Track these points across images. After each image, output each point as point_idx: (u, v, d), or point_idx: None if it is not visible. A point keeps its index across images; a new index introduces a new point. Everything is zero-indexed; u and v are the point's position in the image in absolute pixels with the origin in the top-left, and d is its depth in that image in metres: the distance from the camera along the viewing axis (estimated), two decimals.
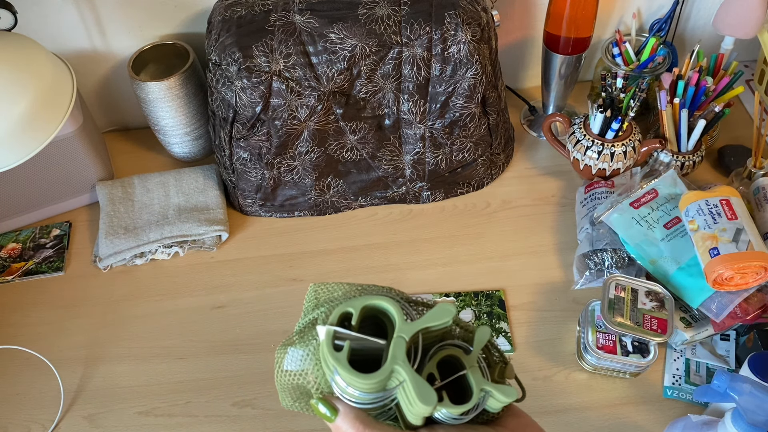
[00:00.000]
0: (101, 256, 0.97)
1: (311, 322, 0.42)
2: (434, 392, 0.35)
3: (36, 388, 0.87)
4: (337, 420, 0.38)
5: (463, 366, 0.39)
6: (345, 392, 0.38)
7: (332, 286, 0.42)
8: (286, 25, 0.86)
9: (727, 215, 0.82)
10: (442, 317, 0.38)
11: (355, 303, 0.38)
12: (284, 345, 0.42)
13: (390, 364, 0.36)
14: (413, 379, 0.35)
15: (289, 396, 0.41)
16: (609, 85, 0.98)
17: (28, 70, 0.78)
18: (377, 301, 0.38)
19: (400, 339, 0.37)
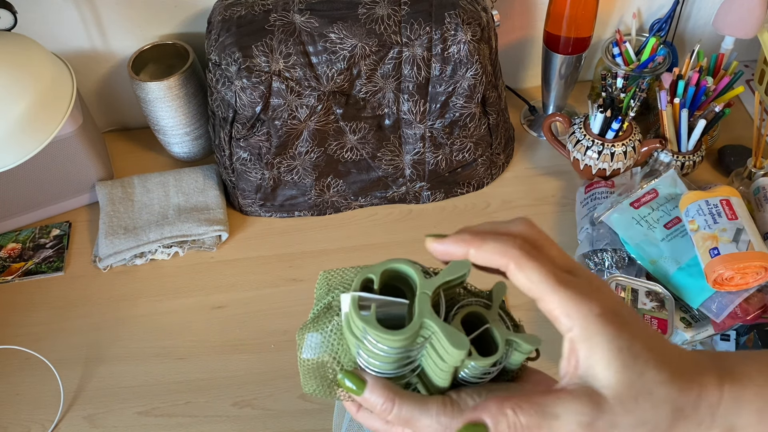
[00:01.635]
0: (101, 256, 0.97)
1: (326, 306, 0.43)
2: (465, 337, 0.36)
3: (36, 388, 0.87)
4: (365, 392, 0.38)
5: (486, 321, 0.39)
6: (370, 364, 0.38)
7: (343, 270, 0.43)
8: (286, 24, 0.86)
9: (728, 215, 0.82)
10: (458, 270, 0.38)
11: (374, 269, 0.39)
12: (302, 330, 0.43)
13: (419, 318, 0.36)
14: (443, 328, 0.36)
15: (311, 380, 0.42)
16: (609, 85, 0.98)
17: (28, 70, 0.78)
18: (395, 264, 0.39)
19: (423, 295, 0.37)
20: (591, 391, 0.33)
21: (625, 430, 0.33)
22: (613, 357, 0.33)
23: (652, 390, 0.33)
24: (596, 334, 0.33)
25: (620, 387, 0.33)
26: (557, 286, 0.33)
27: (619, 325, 0.33)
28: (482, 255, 0.35)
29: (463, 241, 0.36)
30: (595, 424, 0.33)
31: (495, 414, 0.34)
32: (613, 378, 0.33)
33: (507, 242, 0.35)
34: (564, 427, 0.33)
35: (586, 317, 0.33)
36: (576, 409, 0.33)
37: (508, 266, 0.35)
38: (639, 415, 0.33)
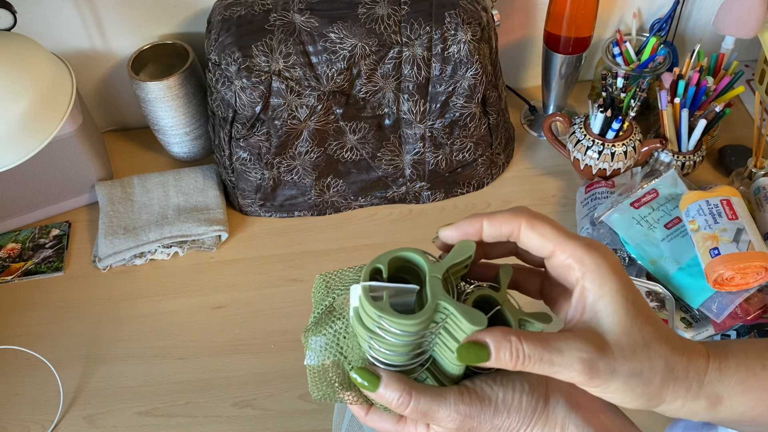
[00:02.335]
0: (101, 257, 0.97)
1: (327, 308, 0.42)
2: (482, 314, 0.36)
3: (35, 389, 0.86)
4: (380, 387, 0.37)
5: (496, 303, 0.40)
6: (382, 356, 0.38)
7: (341, 272, 0.43)
8: (286, 24, 0.86)
9: (728, 215, 0.82)
10: (464, 252, 0.38)
11: (382, 258, 0.39)
12: (305, 335, 0.43)
13: (433, 300, 0.36)
14: (459, 307, 0.36)
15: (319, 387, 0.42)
16: (609, 85, 0.98)
17: (28, 70, 0.78)
18: (402, 252, 0.39)
19: (434, 279, 0.37)
20: (595, 333, 0.35)
21: (621, 377, 0.34)
22: (619, 306, 0.35)
23: (649, 344, 0.35)
24: (607, 282, 0.35)
25: (622, 335, 0.35)
26: (569, 238, 0.35)
27: (625, 279, 0.35)
28: (494, 224, 0.37)
29: (474, 219, 0.37)
30: (596, 363, 0.34)
31: (499, 339, 0.34)
32: (617, 325, 0.35)
33: (514, 211, 0.37)
34: (566, 361, 0.34)
35: (599, 265, 0.35)
36: (579, 346, 0.34)
37: (519, 228, 0.36)
38: (635, 365, 0.35)
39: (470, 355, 0.35)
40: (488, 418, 0.38)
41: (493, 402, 0.38)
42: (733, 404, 0.38)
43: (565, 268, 0.36)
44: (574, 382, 0.35)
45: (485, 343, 0.34)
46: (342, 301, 0.42)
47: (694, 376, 0.37)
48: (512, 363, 0.34)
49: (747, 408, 0.38)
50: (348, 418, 0.70)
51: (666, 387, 0.36)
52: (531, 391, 0.38)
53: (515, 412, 0.38)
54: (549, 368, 0.34)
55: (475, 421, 0.37)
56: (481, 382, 0.39)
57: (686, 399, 0.37)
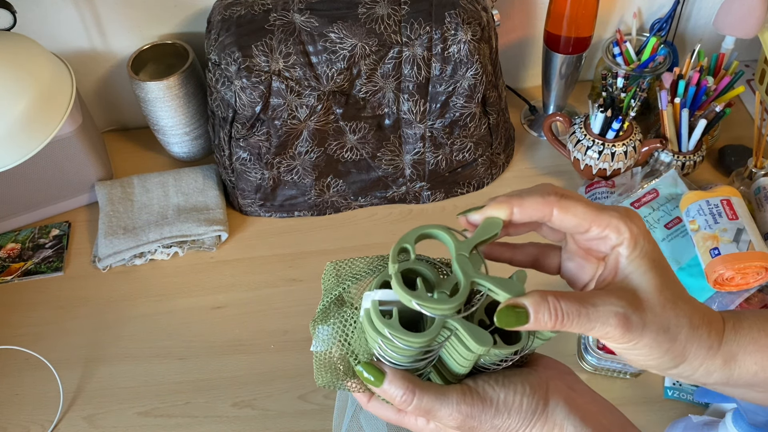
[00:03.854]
0: (100, 257, 0.97)
1: (336, 298, 0.43)
2: (489, 335, 0.37)
3: (35, 389, 0.86)
4: (384, 383, 0.38)
5: None
6: (387, 355, 0.38)
7: (352, 261, 0.44)
8: (286, 24, 0.86)
9: (728, 215, 0.82)
10: (491, 230, 0.39)
11: (408, 237, 0.40)
12: (313, 323, 0.43)
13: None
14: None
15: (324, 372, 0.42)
16: (610, 85, 0.98)
17: (27, 70, 0.78)
18: (429, 230, 0.40)
19: (441, 293, 0.38)
20: (627, 290, 0.37)
21: (652, 333, 0.36)
22: (651, 266, 0.37)
23: (676, 302, 0.37)
24: (641, 246, 0.37)
25: (652, 292, 0.36)
26: (602, 211, 0.37)
27: (654, 243, 0.37)
28: (525, 210, 0.37)
29: (503, 203, 0.37)
30: (630, 317, 0.36)
31: (538, 301, 0.35)
32: (649, 283, 0.37)
33: (543, 192, 0.37)
34: (602, 316, 0.35)
35: (632, 231, 0.37)
36: (613, 301, 0.36)
37: (552, 212, 0.37)
38: (664, 321, 0.36)
39: (509, 320, 0.35)
40: (489, 418, 0.38)
41: (495, 403, 0.38)
42: (747, 363, 0.39)
43: (601, 239, 0.37)
44: (608, 339, 0.36)
45: (523, 306, 0.35)
46: (351, 292, 0.42)
47: (715, 336, 0.38)
48: (552, 323, 0.35)
49: (760, 368, 0.39)
50: (348, 418, 0.70)
51: (690, 345, 0.37)
52: (531, 393, 0.39)
53: (516, 413, 0.39)
54: (587, 324, 0.35)
55: (475, 420, 0.38)
56: (483, 383, 0.39)
57: (705, 358, 0.38)
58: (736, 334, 0.39)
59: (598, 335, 0.36)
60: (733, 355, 0.39)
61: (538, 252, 0.43)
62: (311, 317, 1.01)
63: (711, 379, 0.40)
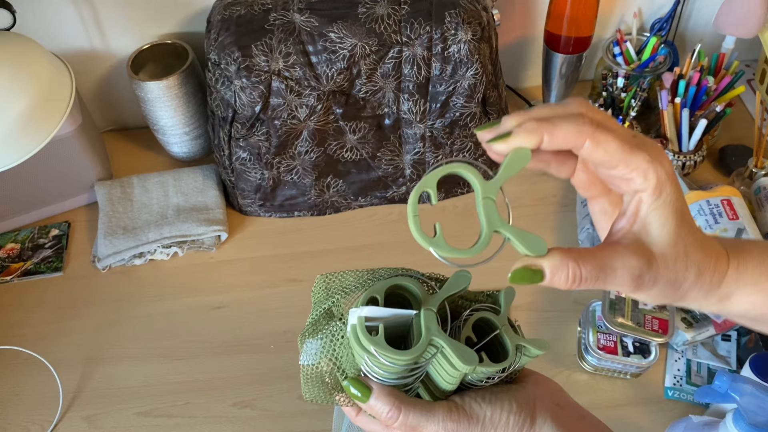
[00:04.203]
0: (100, 257, 0.97)
1: (325, 312, 0.43)
2: (474, 353, 0.37)
3: (35, 389, 0.86)
4: (371, 399, 0.38)
5: (495, 326, 0.40)
6: (376, 373, 0.38)
7: (342, 274, 0.43)
8: (286, 24, 0.86)
9: (729, 215, 0.82)
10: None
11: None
12: (301, 337, 0.43)
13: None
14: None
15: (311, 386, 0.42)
16: (610, 85, 0.98)
17: (27, 70, 0.78)
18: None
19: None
20: (643, 246, 0.36)
21: (660, 286, 0.37)
22: (671, 216, 0.36)
23: (688, 252, 0.37)
24: (665, 194, 0.36)
25: (668, 246, 0.36)
26: (633, 151, 0.35)
27: (678, 190, 0.36)
28: (555, 140, 0.35)
29: (532, 131, 0.35)
30: (643, 277, 0.36)
31: (557, 264, 0.35)
32: (665, 236, 0.36)
33: (577, 122, 0.35)
34: (619, 278, 0.35)
35: (659, 178, 0.35)
36: (631, 263, 0.35)
37: (583, 144, 0.35)
38: (673, 274, 0.37)
39: (523, 278, 0.35)
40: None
41: (481, 419, 0.39)
42: (740, 302, 0.40)
43: (626, 180, 0.36)
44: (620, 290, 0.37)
45: (540, 267, 0.35)
46: (340, 306, 0.42)
47: (717, 280, 0.39)
48: (567, 285, 0.35)
49: (751, 306, 0.40)
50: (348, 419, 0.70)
51: (692, 290, 0.38)
52: (518, 410, 0.39)
53: (502, 430, 0.39)
54: (602, 286, 0.36)
55: None
56: (470, 399, 0.39)
57: (702, 299, 0.39)
58: (737, 276, 0.39)
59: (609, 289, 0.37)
60: (729, 294, 0.40)
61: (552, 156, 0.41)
62: None
63: (703, 310, 0.42)
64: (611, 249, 0.36)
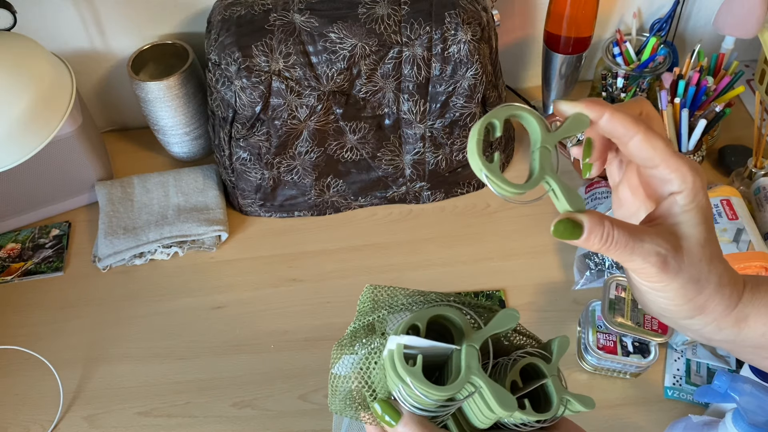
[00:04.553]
0: (100, 257, 0.97)
1: (368, 325, 0.42)
2: (514, 399, 0.36)
3: (35, 389, 0.86)
4: (399, 425, 0.38)
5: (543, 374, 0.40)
6: (405, 399, 0.37)
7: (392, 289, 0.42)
8: (286, 24, 0.86)
9: (728, 215, 0.82)
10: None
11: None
12: (339, 346, 0.42)
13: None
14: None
15: (338, 400, 0.41)
16: (610, 85, 0.98)
17: (27, 70, 0.78)
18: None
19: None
20: (674, 235, 0.38)
21: (683, 280, 0.38)
22: (702, 220, 0.38)
23: (713, 259, 0.39)
24: (698, 199, 0.38)
25: (696, 244, 0.38)
26: (675, 155, 0.38)
27: (708, 200, 0.39)
28: (614, 122, 0.37)
29: (597, 105, 0.38)
30: (668, 260, 0.37)
31: (596, 222, 0.36)
32: (696, 236, 0.38)
33: (636, 116, 0.38)
34: (644, 252, 0.37)
35: (695, 183, 0.38)
36: (659, 242, 0.37)
37: (635, 136, 0.37)
38: (697, 272, 0.38)
39: (565, 232, 0.36)
40: None
41: None
42: (757, 324, 0.41)
43: (663, 180, 0.38)
44: (642, 275, 0.38)
45: (581, 222, 0.36)
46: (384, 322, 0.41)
47: (735, 296, 0.40)
48: (599, 245, 0.36)
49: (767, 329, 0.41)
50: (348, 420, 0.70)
51: (712, 300, 0.39)
52: None
53: None
54: (628, 256, 0.37)
55: None
56: None
57: (721, 315, 0.40)
58: (753, 297, 0.41)
59: (634, 267, 0.38)
60: (746, 316, 0.41)
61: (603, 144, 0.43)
62: (311, 317, 1.01)
63: (719, 335, 0.41)
64: (643, 228, 0.38)
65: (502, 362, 0.40)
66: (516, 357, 0.39)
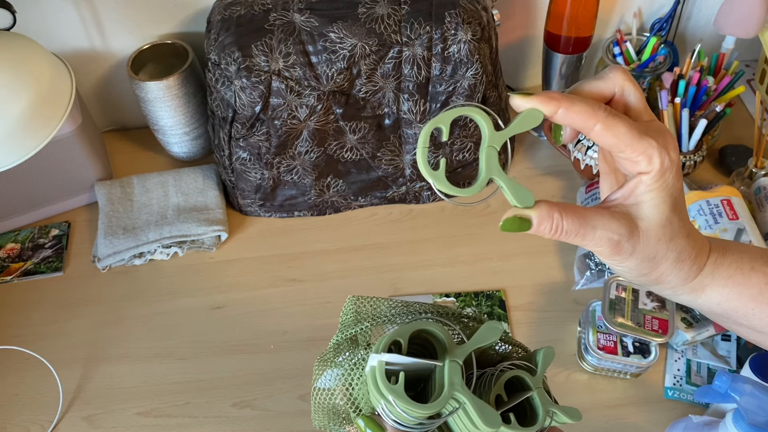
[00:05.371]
0: (100, 257, 0.97)
1: (351, 337, 0.42)
2: (498, 415, 0.36)
3: (35, 389, 0.86)
4: None
5: (528, 387, 0.39)
6: (389, 416, 0.37)
7: (374, 300, 0.42)
8: (286, 24, 0.86)
9: (728, 215, 0.82)
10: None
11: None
12: (321, 361, 0.42)
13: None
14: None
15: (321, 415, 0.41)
16: None
17: (27, 70, 0.78)
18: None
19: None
20: (630, 218, 0.38)
21: (637, 259, 0.38)
22: (665, 201, 0.38)
23: (673, 238, 0.39)
24: (665, 179, 0.37)
25: (655, 226, 0.38)
26: (642, 137, 0.36)
27: (679, 178, 0.38)
28: (570, 115, 0.37)
29: (551, 99, 0.37)
30: (621, 244, 0.37)
31: (543, 215, 0.36)
32: (656, 217, 0.38)
33: (595, 106, 0.37)
34: (596, 238, 0.37)
35: (663, 164, 0.37)
36: (612, 227, 0.37)
37: (594, 126, 0.37)
38: (652, 251, 0.38)
39: (513, 226, 0.37)
40: None
41: None
42: (713, 294, 0.42)
43: (632, 162, 0.37)
44: (597, 254, 0.39)
45: (529, 218, 0.37)
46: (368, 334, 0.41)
47: (695, 270, 0.41)
48: (549, 235, 0.37)
49: (723, 299, 0.42)
50: None
51: (668, 274, 0.40)
52: None
53: None
54: (581, 242, 0.37)
55: None
56: None
57: (677, 286, 0.41)
58: (714, 268, 0.41)
59: (590, 249, 0.38)
60: (703, 286, 0.41)
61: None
62: (311, 317, 1.01)
63: (677, 300, 0.43)
64: (597, 211, 0.38)
65: (488, 373, 0.40)
66: (502, 368, 0.39)
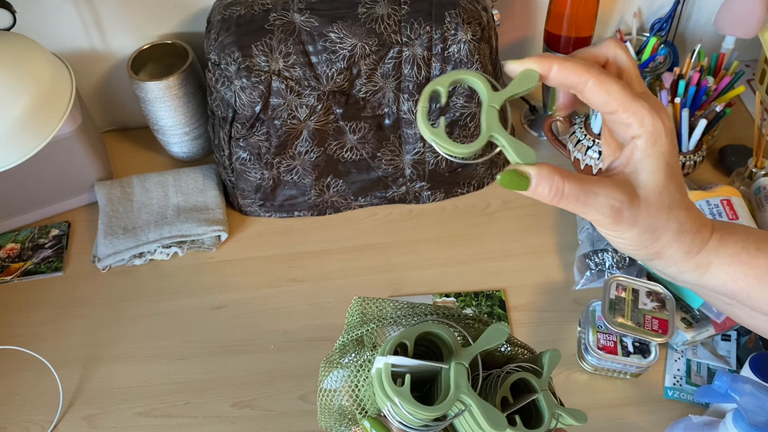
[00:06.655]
0: (100, 257, 0.97)
1: (357, 339, 0.42)
2: (504, 418, 0.36)
3: (35, 389, 0.86)
4: None
5: (534, 389, 0.39)
6: (395, 418, 0.37)
7: (380, 301, 0.42)
8: (286, 24, 0.86)
9: (728, 215, 0.82)
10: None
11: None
12: (327, 362, 0.42)
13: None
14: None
15: (327, 415, 0.41)
16: None
17: (27, 70, 0.78)
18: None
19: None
20: (630, 186, 0.37)
21: (638, 229, 0.38)
22: (661, 167, 0.37)
23: (672, 207, 0.38)
24: (659, 144, 0.37)
25: (653, 193, 0.37)
26: (635, 98, 0.36)
27: (673, 145, 0.37)
28: (563, 71, 0.36)
29: (545, 60, 0.37)
30: (622, 212, 0.37)
31: (544, 175, 0.36)
32: (653, 184, 0.37)
33: (588, 63, 0.37)
34: (598, 204, 0.36)
35: (656, 126, 0.36)
36: (613, 194, 0.36)
37: (587, 82, 0.36)
38: (653, 221, 0.38)
39: (511, 182, 0.36)
40: None
41: None
42: (718, 273, 0.41)
43: (624, 125, 0.37)
44: (597, 224, 0.38)
45: (528, 175, 0.36)
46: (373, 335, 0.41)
47: (698, 243, 0.40)
48: (549, 198, 0.36)
49: (729, 279, 0.41)
50: None
51: (670, 246, 0.39)
52: None
53: None
54: (582, 208, 0.36)
55: None
56: None
57: (680, 260, 0.40)
58: (719, 246, 0.41)
59: (590, 218, 0.37)
60: (708, 263, 0.41)
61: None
62: (311, 317, 1.01)
63: (682, 277, 0.42)
64: (599, 179, 0.37)
65: (494, 374, 0.40)
66: (508, 371, 0.39)
